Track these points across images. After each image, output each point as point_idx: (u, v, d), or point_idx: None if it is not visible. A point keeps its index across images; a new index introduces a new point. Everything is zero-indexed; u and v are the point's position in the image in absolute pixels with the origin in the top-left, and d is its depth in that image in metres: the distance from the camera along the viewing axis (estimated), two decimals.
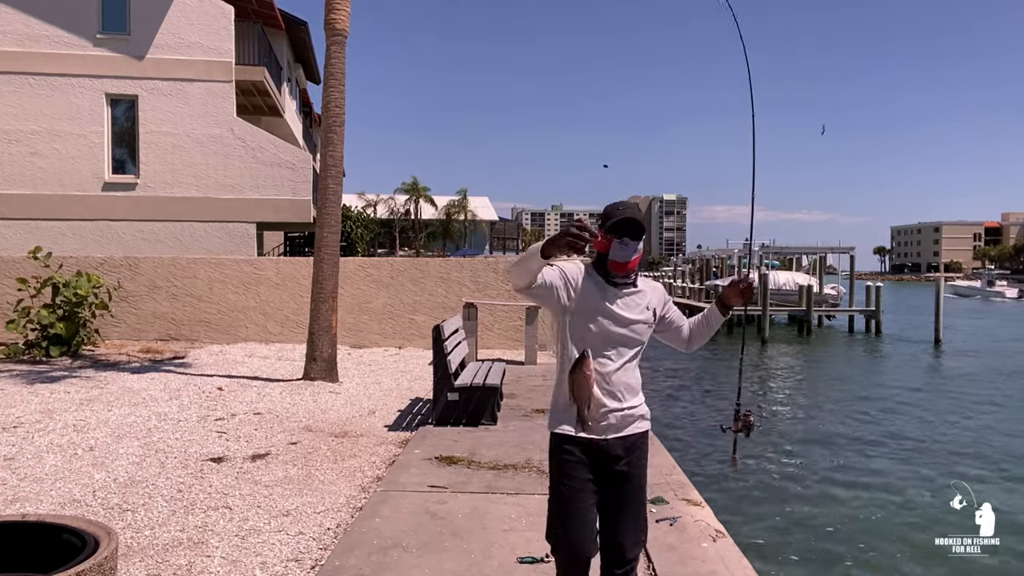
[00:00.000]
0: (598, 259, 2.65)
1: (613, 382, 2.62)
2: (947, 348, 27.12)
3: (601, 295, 2.61)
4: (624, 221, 2.57)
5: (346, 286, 12.99)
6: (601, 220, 2.65)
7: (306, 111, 29.22)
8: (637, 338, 2.67)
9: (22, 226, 16.19)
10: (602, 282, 2.63)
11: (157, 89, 16.79)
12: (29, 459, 5.69)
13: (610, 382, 2.62)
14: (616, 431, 2.62)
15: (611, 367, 2.62)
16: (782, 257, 45.90)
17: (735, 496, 8.76)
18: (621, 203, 2.66)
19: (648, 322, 2.71)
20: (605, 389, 2.60)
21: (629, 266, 2.60)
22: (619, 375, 2.63)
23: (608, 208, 2.66)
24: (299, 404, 8.11)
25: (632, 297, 2.66)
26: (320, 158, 10.46)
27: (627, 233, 2.57)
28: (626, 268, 2.60)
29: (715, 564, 3.83)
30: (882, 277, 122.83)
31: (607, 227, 2.59)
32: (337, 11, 9.63)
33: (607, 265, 2.61)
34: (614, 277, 2.61)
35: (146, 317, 13.53)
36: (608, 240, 2.59)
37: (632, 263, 2.61)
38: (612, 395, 2.61)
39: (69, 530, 2.54)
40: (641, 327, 2.67)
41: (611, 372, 2.62)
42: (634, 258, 2.61)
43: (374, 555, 3.89)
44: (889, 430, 12.87)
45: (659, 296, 2.78)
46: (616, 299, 2.61)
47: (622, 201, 2.67)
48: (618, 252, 2.59)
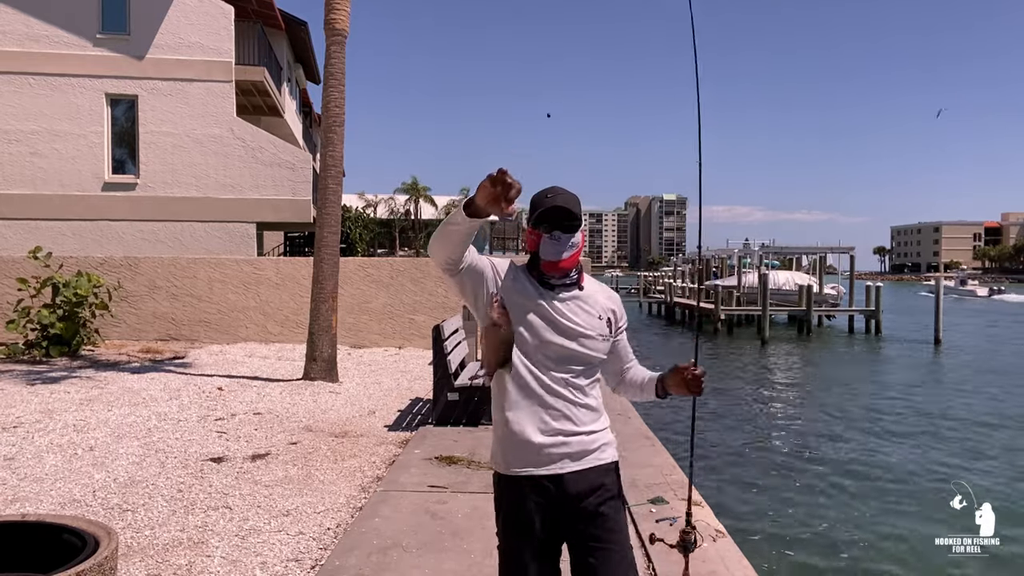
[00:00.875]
0: (531, 260, 2.20)
1: (564, 402, 2.13)
2: (947, 348, 27.12)
3: (537, 294, 2.15)
4: (551, 211, 2.12)
5: (346, 286, 12.98)
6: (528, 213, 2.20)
7: (306, 111, 29.22)
8: (588, 354, 2.15)
9: (22, 226, 16.19)
10: (537, 284, 2.16)
11: (157, 89, 16.79)
12: (29, 459, 5.69)
13: (559, 401, 2.12)
14: (573, 461, 2.12)
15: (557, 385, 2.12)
16: (782, 257, 45.90)
17: (735, 496, 8.76)
18: (550, 189, 2.17)
19: (603, 335, 2.18)
20: (553, 409, 2.11)
21: (562, 264, 2.13)
22: (570, 394, 2.14)
23: (534, 197, 2.19)
24: (299, 404, 8.11)
25: (576, 302, 2.17)
26: (320, 158, 10.46)
27: (557, 225, 2.12)
28: (559, 268, 2.13)
29: (715, 564, 3.83)
30: (882, 277, 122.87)
31: (532, 220, 2.15)
32: (337, 11, 9.63)
33: (540, 266, 2.15)
34: (549, 279, 2.15)
35: (146, 317, 13.52)
36: (537, 235, 2.15)
37: (567, 261, 2.14)
38: (565, 416, 2.12)
39: (69, 530, 2.54)
40: (593, 341, 2.15)
41: (559, 390, 2.12)
42: (568, 255, 2.14)
43: (374, 555, 3.89)
44: (889, 430, 12.87)
45: (614, 303, 2.27)
46: (554, 300, 2.13)
47: (551, 187, 2.18)
48: (548, 249, 2.13)
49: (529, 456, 2.11)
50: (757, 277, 33.06)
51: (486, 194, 1.83)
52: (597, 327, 2.18)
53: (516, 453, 2.12)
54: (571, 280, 2.18)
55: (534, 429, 2.11)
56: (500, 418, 2.19)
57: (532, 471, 2.11)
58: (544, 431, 2.11)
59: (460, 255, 2.07)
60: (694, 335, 2.38)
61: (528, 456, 2.11)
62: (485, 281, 2.14)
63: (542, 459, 2.11)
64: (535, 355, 2.11)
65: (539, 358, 2.12)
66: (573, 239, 2.15)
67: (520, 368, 2.12)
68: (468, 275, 2.12)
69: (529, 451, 2.11)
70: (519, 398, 2.14)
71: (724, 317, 31.81)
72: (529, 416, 2.11)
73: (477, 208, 1.89)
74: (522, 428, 2.12)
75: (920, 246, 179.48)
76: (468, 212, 1.91)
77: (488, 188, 1.82)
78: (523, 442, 2.12)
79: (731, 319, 32.70)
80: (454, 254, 2.07)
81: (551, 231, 2.13)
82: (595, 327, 2.17)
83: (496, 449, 2.20)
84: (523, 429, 2.12)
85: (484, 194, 1.84)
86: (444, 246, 2.05)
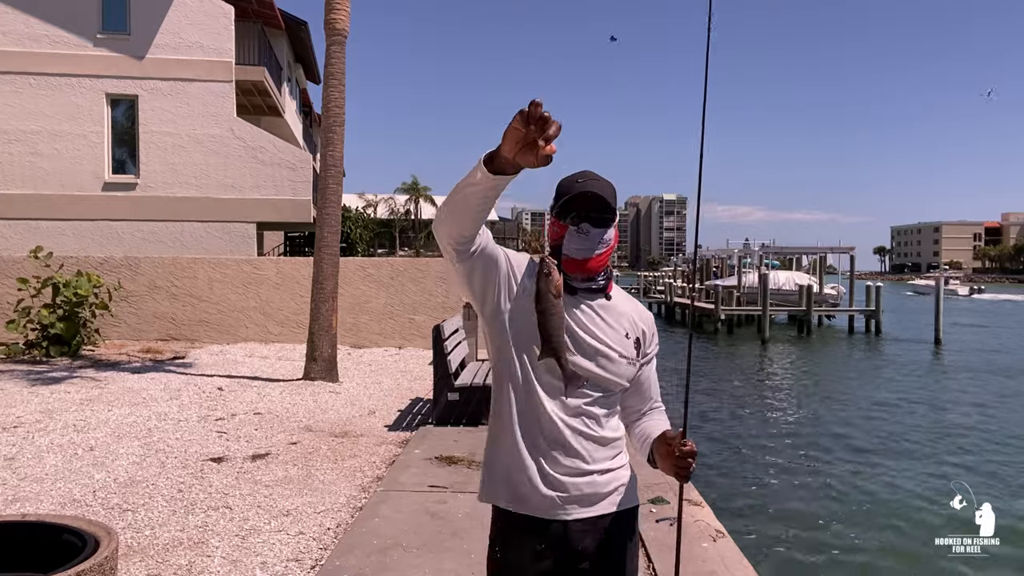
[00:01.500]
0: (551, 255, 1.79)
1: (576, 434, 1.75)
2: (947, 348, 27.11)
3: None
4: (581, 198, 1.74)
5: (346, 286, 12.98)
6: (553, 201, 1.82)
7: (306, 111, 29.23)
8: (608, 378, 1.76)
9: (22, 226, 16.19)
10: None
11: (157, 89, 16.79)
12: (29, 459, 5.70)
13: (569, 434, 1.75)
14: (583, 507, 1.76)
15: (568, 414, 1.75)
16: (782, 257, 45.88)
17: (735, 496, 8.76)
18: (580, 173, 1.79)
19: (629, 357, 1.80)
20: (562, 443, 1.75)
21: (590, 265, 1.74)
22: (583, 425, 1.76)
23: (561, 181, 1.80)
24: (299, 404, 8.11)
25: (601, 313, 1.79)
26: (320, 158, 10.46)
27: (586, 216, 1.74)
28: (586, 267, 1.75)
29: (715, 564, 3.83)
30: (882, 277, 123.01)
31: (557, 208, 1.78)
32: (337, 11, 9.63)
33: (561, 264, 1.75)
34: (572, 280, 1.75)
35: (146, 317, 13.52)
36: (561, 227, 1.78)
37: (595, 261, 1.75)
38: (576, 452, 1.75)
39: (69, 530, 2.54)
40: (615, 364, 1.77)
41: (570, 420, 1.75)
42: (599, 252, 1.76)
43: (374, 555, 3.89)
44: (889, 430, 12.87)
45: (646, 322, 1.88)
46: (574, 309, 1.75)
47: (583, 171, 1.80)
48: (574, 244, 1.74)
49: (530, 498, 1.75)
50: (757, 277, 33.05)
51: (516, 138, 1.40)
52: (623, 347, 1.79)
53: (514, 492, 1.76)
54: (597, 285, 1.79)
55: (538, 466, 1.75)
56: (496, 449, 1.80)
57: (532, 514, 1.76)
58: (550, 469, 1.75)
59: (476, 228, 1.65)
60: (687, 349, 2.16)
61: (528, 498, 1.75)
62: (499, 273, 1.74)
63: (545, 502, 1.75)
64: (544, 376, 1.74)
65: (549, 379, 1.74)
66: (606, 234, 1.76)
67: (525, 390, 1.75)
68: (481, 261, 1.71)
69: (529, 492, 1.75)
70: (522, 426, 1.76)
71: (724, 317, 31.80)
72: (532, 449, 1.75)
73: (503, 160, 1.45)
74: (522, 463, 1.75)
75: (920, 246, 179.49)
76: (492, 168, 1.48)
77: (518, 130, 1.39)
78: (522, 480, 1.75)
79: (731, 319, 32.68)
80: (469, 226, 1.63)
81: (579, 223, 1.74)
82: (621, 346, 1.79)
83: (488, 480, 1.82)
84: (524, 464, 1.75)
85: (513, 139, 1.41)
86: (457, 215, 1.61)
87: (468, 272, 1.72)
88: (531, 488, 1.75)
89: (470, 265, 1.70)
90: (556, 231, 1.80)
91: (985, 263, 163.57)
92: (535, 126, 1.37)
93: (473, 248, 1.68)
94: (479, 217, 1.60)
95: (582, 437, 1.76)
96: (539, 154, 1.39)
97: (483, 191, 1.53)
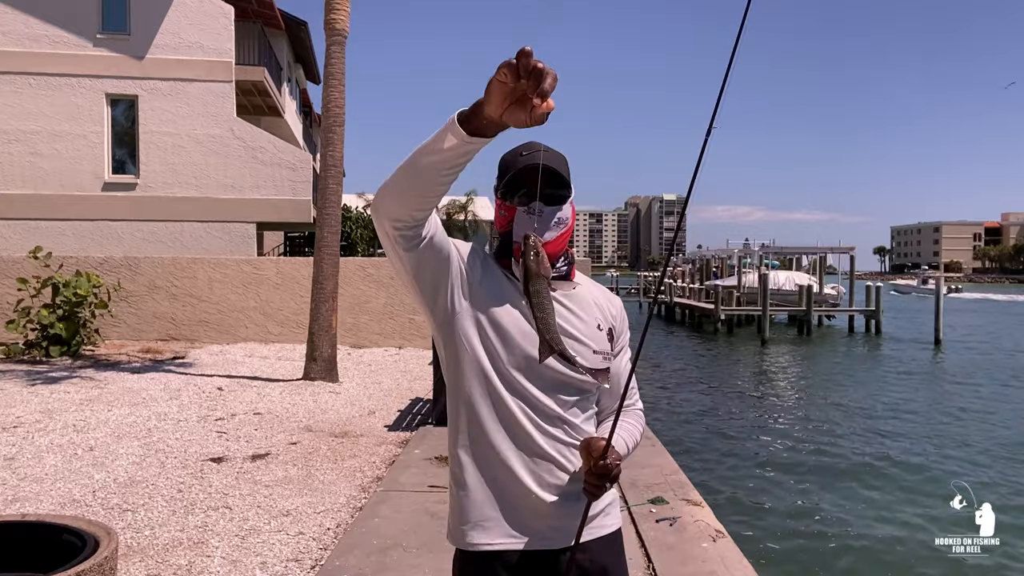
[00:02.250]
0: (501, 244, 1.57)
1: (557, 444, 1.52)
2: (947, 347, 27.12)
3: (515, 293, 1.50)
4: (527, 172, 1.49)
5: (346, 286, 12.99)
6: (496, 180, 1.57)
7: (306, 111, 29.23)
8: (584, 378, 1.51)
9: (22, 226, 16.19)
10: (513, 278, 1.52)
11: (157, 89, 16.79)
12: (29, 459, 5.69)
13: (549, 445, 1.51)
14: (565, 536, 1.52)
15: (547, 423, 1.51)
16: (782, 257, 45.87)
17: (735, 496, 8.75)
18: (525, 145, 1.54)
19: (604, 352, 1.57)
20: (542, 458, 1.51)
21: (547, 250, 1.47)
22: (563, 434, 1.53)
23: (503, 157, 1.55)
24: (299, 404, 8.11)
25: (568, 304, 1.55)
26: (320, 158, 10.46)
27: (535, 194, 1.48)
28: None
29: (715, 564, 3.83)
30: (882, 277, 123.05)
31: (502, 187, 1.54)
32: (337, 11, 9.63)
33: (512, 251, 1.52)
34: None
35: (146, 317, 13.52)
36: (509, 209, 1.54)
37: (553, 245, 1.51)
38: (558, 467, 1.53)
39: (69, 530, 2.54)
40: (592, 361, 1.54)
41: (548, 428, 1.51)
42: (553, 236, 1.52)
43: (374, 555, 3.89)
44: (889, 430, 12.87)
45: (616, 308, 1.65)
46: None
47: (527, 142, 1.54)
48: (525, 227, 1.49)
49: (509, 526, 1.51)
50: (757, 277, 33.04)
51: (504, 93, 1.15)
52: (596, 340, 1.56)
53: (488, 523, 1.51)
54: (559, 272, 1.55)
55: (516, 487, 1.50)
56: (462, 473, 1.53)
57: (510, 545, 1.50)
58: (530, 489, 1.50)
59: (431, 207, 1.36)
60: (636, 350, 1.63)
61: (506, 526, 1.51)
62: (451, 265, 1.48)
63: (526, 529, 1.51)
64: (515, 380, 1.50)
65: (520, 384, 1.50)
66: (560, 213, 1.52)
67: (492, 399, 1.50)
68: (432, 250, 1.44)
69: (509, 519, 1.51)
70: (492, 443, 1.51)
71: (724, 317, 31.80)
72: (506, 469, 1.50)
73: (486, 120, 1.20)
74: (497, 487, 1.51)
75: (920, 246, 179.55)
76: (469, 128, 1.23)
77: (506, 83, 1.13)
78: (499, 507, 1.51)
79: (731, 319, 32.68)
80: (425, 203, 1.33)
81: (529, 203, 1.50)
82: (594, 340, 1.56)
83: (456, 515, 1.54)
84: (499, 488, 1.51)
85: (500, 94, 1.15)
86: (413, 189, 1.31)
87: (416, 265, 1.44)
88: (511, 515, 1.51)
89: (418, 256, 1.42)
90: (504, 214, 1.55)
91: (985, 263, 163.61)
92: (528, 80, 1.13)
93: (424, 234, 1.40)
94: (440, 192, 1.32)
95: (563, 446, 1.52)
96: (534, 113, 1.15)
97: (453, 157, 1.26)
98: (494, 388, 1.50)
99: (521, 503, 1.51)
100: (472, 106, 1.22)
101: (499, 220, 1.57)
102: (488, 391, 1.50)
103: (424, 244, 1.41)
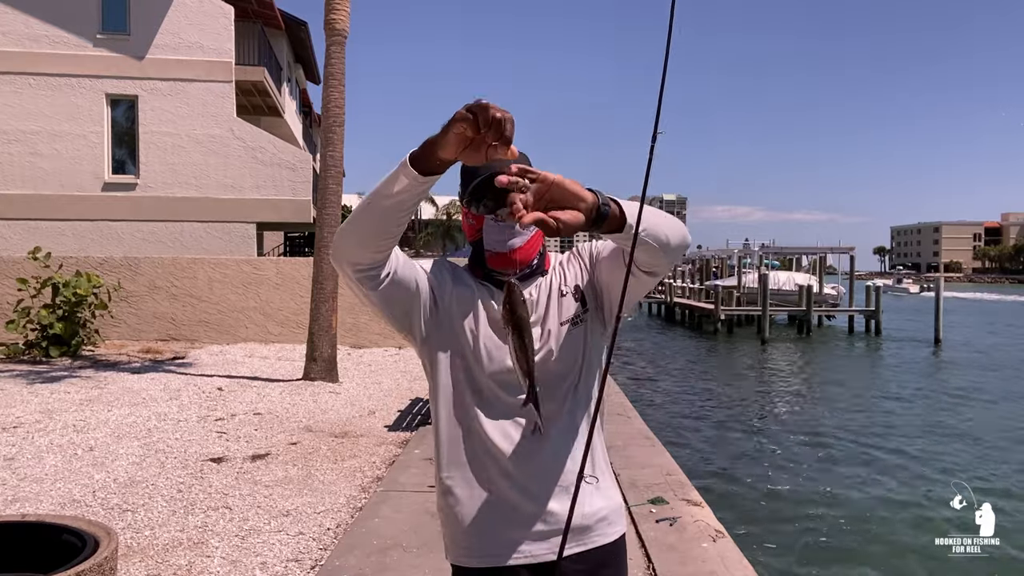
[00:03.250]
0: (473, 254, 1.57)
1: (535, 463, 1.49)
2: (947, 347, 27.12)
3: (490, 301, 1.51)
4: (488, 183, 1.43)
5: (346, 286, 12.97)
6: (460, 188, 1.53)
7: (306, 111, 29.23)
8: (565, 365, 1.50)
9: (22, 226, 16.20)
10: (490, 288, 1.52)
11: (157, 89, 16.79)
12: (29, 459, 5.69)
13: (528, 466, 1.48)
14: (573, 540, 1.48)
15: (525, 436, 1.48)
16: (782, 257, 45.87)
17: (735, 496, 8.75)
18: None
19: (578, 317, 1.52)
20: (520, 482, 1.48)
21: (516, 256, 1.49)
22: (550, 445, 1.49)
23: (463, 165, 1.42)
24: (299, 404, 8.11)
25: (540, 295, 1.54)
26: (320, 158, 10.46)
27: (502, 200, 1.36)
28: (512, 261, 1.49)
29: (715, 564, 3.83)
30: (883, 277, 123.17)
31: (467, 195, 1.50)
32: (337, 11, 9.63)
33: (486, 261, 1.53)
34: (500, 276, 1.50)
35: (146, 317, 13.52)
36: (477, 218, 1.51)
37: (523, 251, 1.50)
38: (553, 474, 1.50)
39: (69, 530, 2.54)
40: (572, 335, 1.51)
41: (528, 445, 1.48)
42: (523, 242, 1.50)
43: (374, 555, 3.89)
44: (889, 429, 12.87)
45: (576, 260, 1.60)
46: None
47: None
48: (494, 235, 1.49)
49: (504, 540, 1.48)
50: (757, 277, 33.03)
51: (463, 142, 1.18)
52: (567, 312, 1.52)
53: (481, 538, 1.49)
54: (531, 268, 1.53)
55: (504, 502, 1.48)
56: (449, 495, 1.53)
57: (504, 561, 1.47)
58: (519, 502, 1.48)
59: (388, 249, 1.37)
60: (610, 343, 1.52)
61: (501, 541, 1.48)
62: (420, 291, 1.47)
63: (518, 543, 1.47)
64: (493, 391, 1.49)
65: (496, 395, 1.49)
66: None
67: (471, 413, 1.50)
68: (395, 285, 1.42)
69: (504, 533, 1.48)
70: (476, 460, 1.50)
71: (724, 317, 31.79)
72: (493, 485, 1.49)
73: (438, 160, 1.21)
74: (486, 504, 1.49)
75: (920, 246, 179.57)
76: (421, 168, 1.23)
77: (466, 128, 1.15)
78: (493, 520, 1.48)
79: (731, 319, 32.66)
80: (384, 245, 1.35)
81: (495, 210, 1.47)
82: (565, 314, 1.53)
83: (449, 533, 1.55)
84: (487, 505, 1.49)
85: (459, 143, 1.18)
86: (372, 235, 1.33)
87: (383, 301, 1.44)
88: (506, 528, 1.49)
89: (384, 294, 1.42)
90: (472, 223, 1.52)
91: (985, 263, 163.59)
92: (488, 127, 1.14)
93: (386, 272, 1.40)
94: (397, 232, 1.34)
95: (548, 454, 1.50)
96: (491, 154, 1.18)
97: (409, 198, 1.28)
98: (472, 403, 1.50)
99: (512, 516, 1.49)
100: (422, 147, 1.23)
101: (468, 229, 1.56)
102: (466, 406, 1.50)
103: (388, 281, 1.41)
